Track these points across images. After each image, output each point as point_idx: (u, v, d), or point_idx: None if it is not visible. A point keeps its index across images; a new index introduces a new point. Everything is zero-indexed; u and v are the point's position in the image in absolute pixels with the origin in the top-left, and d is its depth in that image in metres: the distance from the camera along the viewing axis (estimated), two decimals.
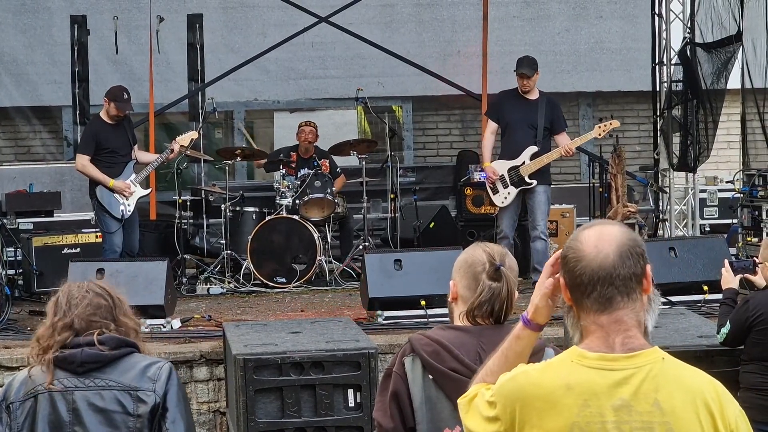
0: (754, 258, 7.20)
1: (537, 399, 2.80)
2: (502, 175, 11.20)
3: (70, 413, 3.79)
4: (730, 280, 7.05)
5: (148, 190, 11.81)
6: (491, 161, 11.37)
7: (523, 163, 11.14)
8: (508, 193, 11.19)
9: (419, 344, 4.00)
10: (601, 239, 2.85)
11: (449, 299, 4.12)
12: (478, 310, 3.99)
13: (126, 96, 11.27)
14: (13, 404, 3.83)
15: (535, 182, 11.12)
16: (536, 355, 3.95)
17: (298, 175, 12.70)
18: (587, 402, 2.78)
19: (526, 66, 11.23)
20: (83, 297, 3.87)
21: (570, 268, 2.87)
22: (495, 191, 11.26)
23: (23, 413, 3.82)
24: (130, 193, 11.21)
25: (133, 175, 11.32)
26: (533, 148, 11.14)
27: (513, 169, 11.18)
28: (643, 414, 2.78)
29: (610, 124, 11.46)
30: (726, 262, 7.22)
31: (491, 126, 11.43)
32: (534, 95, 11.31)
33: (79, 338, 3.81)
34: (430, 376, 3.96)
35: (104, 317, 3.86)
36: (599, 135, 11.51)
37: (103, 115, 11.37)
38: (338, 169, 13.23)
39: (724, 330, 6.86)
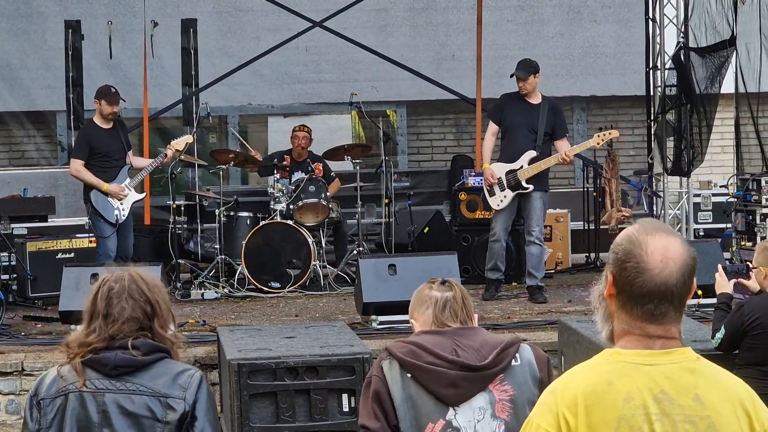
0: (748, 262, 7.21)
1: (580, 398, 2.81)
2: (500, 177, 11.10)
3: (99, 414, 3.80)
4: (724, 284, 7.06)
5: (143, 195, 11.80)
6: (490, 163, 11.27)
7: (521, 167, 11.01)
8: (504, 196, 11.10)
9: (395, 348, 4.16)
10: (667, 255, 2.84)
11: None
12: (441, 315, 4.20)
13: (113, 90, 11.27)
14: (43, 400, 3.84)
15: (531, 187, 11.00)
16: (512, 347, 4.07)
17: (292, 179, 12.70)
18: (630, 395, 2.80)
19: (521, 69, 11.09)
20: (123, 310, 3.81)
21: (629, 277, 2.84)
22: (491, 193, 11.15)
23: (53, 410, 3.82)
24: (123, 195, 11.20)
25: (128, 180, 11.32)
26: (532, 153, 11.01)
27: (510, 173, 11.06)
28: (684, 407, 2.81)
29: (609, 133, 11.30)
30: (720, 266, 7.23)
31: (492, 128, 11.25)
32: (536, 99, 11.12)
33: (114, 342, 3.82)
34: (409, 375, 4.08)
35: (142, 327, 3.84)
36: (597, 144, 11.43)
37: (96, 119, 11.35)
38: (332, 173, 13.22)
39: (719, 335, 6.87)
